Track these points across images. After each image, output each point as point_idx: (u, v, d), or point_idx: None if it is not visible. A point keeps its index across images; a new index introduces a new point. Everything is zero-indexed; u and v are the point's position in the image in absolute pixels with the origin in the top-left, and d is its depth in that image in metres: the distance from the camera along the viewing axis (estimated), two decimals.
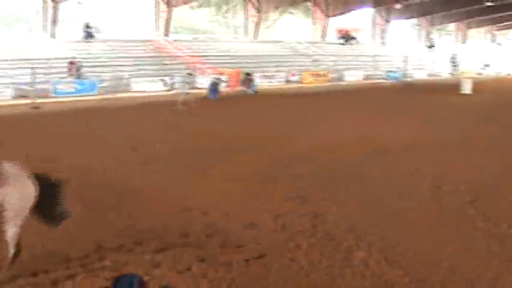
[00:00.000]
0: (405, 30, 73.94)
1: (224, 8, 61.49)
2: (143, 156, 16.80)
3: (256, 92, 37.33)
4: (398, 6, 63.05)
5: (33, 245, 9.05)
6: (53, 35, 42.55)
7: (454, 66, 63.66)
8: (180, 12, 53.04)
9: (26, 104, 28.58)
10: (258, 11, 55.21)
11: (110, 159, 16.28)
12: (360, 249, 9.23)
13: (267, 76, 44.90)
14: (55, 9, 42.34)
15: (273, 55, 50.54)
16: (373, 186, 13.44)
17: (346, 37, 61.86)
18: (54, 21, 42.54)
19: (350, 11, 61.62)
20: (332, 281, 8.18)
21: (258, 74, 42.66)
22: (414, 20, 72.79)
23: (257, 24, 55.67)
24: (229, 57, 46.00)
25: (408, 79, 51.79)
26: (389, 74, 53.68)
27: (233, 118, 24.79)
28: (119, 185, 13.21)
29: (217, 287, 7.98)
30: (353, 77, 51.74)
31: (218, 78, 35.65)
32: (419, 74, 57.79)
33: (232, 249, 9.23)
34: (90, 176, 14.18)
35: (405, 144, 18.68)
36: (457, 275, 8.47)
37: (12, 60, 35.34)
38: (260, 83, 41.35)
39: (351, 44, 61.14)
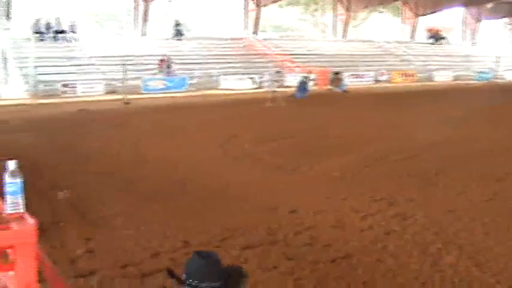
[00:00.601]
0: (497, 30, 71.86)
1: (313, 6, 61.32)
2: (231, 152, 16.98)
3: (346, 91, 37.06)
4: (489, 5, 61.40)
5: (124, 240, 9.32)
6: (143, 33, 43.41)
7: None
8: (268, 11, 53.15)
9: (117, 100, 29.31)
10: (347, 9, 54.80)
11: (198, 155, 16.57)
12: (449, 254, 9.01)
13: (356, 75, 44.52)
14: (146, 7, 43.20)
15: (361, 54, 50.11)
16: (463, 188, 13.12)
17: (436, 37, 60.67)
18: (145, 19, 43.39)
19: (440, 10, 60.37)
20: (421, 285, 8.02)
21: (347, 73, 42.36)
22: (506, 19, 70.61)
23: (346, 23, 55.28)
24: (318, 56, 45.90)
25: (498, 80, 50.34)
26: (480, 74, 52.34)
27: (321, 117, 24.67)
28: (206, 181, 13.40)
29: (303, 285, 7.95)
30: (442, 77, 50.69)
31: (306, 77, 35.56)
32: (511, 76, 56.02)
33: (319, 248, 9.18)
34: (178, 171, 14.45)
35: (495, 148, 18.17)
36: None
37: (104, 57, 36.34)
38: (349, 82, 41.07)
39: (441, 44, 59.92)
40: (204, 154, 16.73)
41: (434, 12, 60.20)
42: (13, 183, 3.19)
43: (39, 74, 31.29)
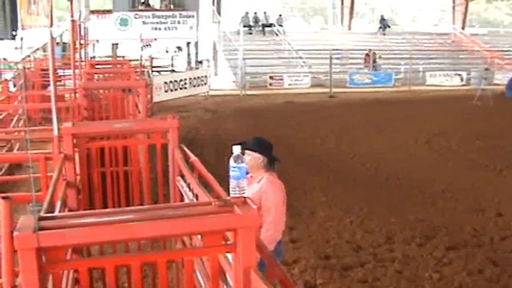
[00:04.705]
0: None
1: None
2: (437, 149, 16.66)
3: None
4: None
5: (328, 232, 9.44)
6: (349, 27, 43.49)
7: None
8: (476, 5, 51.24)
9: (323, 93, 29.65)
10: None
11: (404, 150, 16.44)
12: None
13: None
14: (352, 1, 43.18)
15: None
16: None
17: None
18: (351, 14, 43.42)
19: None
20: None
21: None
22: None
23: None
24: None
25: None
26: None
27: None
28: (411, 177, 13.23)
29: None
30: None
31: None
32: None
33: None
34: (383, 165, 14.38)
35: None
36: None
37: (310, 50, 36.83)
38: None
39: None
40: (409, 149, 16.54)
41: None
42: (237, 168, 3.30)
43: (247, 66, 32.26)
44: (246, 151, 5.57)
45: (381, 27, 42.88)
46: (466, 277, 7.87)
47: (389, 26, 43.18)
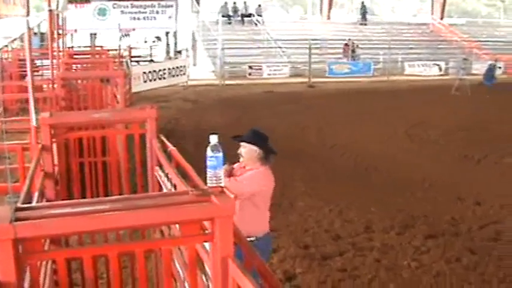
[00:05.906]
0: None
1: None
2: (416, 139, 16.80)
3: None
4: None
5: (307, 222, 9.48)
6: (328, 17, 43.50)
7: None
8: None
9: (302, 83, 29.68)
10: None
11: (384, 140, 16.51)
12: None
13: None
14: None
15: None
16: None
17: None
18: (330, 4, 43.43)
19: None
20: None
21: None
22: None
23: None
24: (507, 43, 43.66)
25: None
26: None
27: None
28: (391, 168, 13.32)
29: (488, 282, 7.66)
30: None
31: (494, 65, 33.97)
32: None
33: (505, 244, 8.84)
34: (363, 156, 14.46)
35: None
36: None
37: (289, 40, 36.79)
38: None
39: None
40: (389, 140, 16.64)
41: None
42: (214, 157, 3.29)
43: (226, 56, 32.19)
44: (242, 143, 5.69)
45: (360, 17, 42.96)
46: (444, 265, 7.95)
47: (366, 12, 43.28)
